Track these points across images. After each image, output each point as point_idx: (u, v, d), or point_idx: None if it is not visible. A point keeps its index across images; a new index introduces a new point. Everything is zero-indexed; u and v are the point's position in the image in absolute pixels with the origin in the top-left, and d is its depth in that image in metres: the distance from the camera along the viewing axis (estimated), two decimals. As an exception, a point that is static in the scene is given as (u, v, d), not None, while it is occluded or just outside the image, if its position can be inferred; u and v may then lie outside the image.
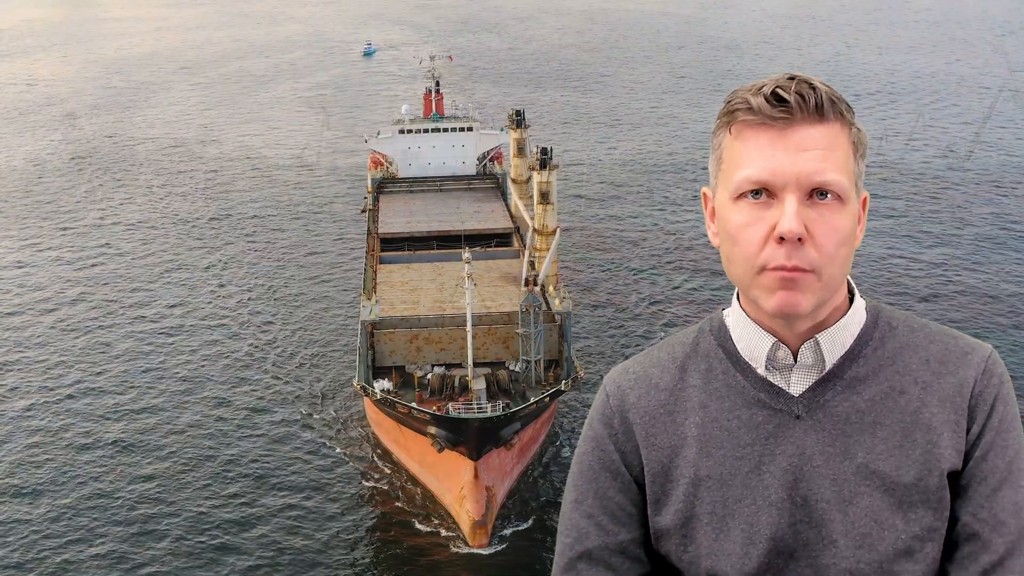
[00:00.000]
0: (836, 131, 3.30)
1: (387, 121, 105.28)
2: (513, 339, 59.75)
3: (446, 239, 76.05)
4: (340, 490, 56.00)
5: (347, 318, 75.98)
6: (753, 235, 3.27)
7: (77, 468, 57.61)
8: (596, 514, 3.60)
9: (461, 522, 53.07)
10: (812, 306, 3.31)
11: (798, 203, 3.22)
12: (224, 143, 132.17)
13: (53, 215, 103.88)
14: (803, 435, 3.44)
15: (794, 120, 3.26)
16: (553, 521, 53.22)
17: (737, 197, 3.32)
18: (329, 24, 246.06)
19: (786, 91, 3.26)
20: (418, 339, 60.82)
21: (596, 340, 72.29)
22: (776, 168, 3.24)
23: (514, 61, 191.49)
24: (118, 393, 65.97)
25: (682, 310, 77.07)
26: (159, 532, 51.97)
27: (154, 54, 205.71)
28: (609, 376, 3.79)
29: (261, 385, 66.69)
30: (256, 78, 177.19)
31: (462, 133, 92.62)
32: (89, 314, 78.62)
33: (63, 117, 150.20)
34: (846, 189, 3.27)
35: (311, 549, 50.74)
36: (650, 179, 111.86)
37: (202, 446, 59.53)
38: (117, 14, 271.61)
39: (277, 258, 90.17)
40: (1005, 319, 73.63)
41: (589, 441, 3.72)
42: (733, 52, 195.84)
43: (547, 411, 59.47)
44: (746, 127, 3.32)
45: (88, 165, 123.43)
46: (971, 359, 3.46)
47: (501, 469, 55.49)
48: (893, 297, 74.82)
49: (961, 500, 3.40)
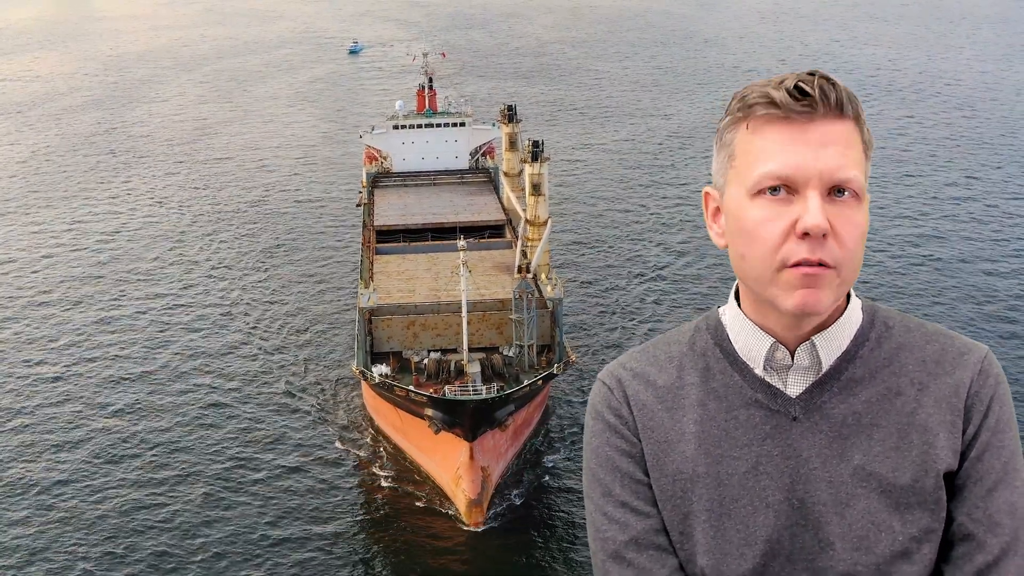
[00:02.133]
0: (851, 128, 3.30)
1: (380, 115, 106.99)
2: (507, 325, 60.93)
3: (440, 231, 77.37)
4: (337, 472, 57.02)
5: (343, 309, 77.23)
6: (773, 231, 3.24)
7: (76, 447, 58.62)
8: (630, 501, 3.57)
9: (457, 501, 54.20)
10: (830, 305, 3.31)
11: (821, 199, 3.21)
12: (216, 139, 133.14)
13: (53, 202, 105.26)
14: (800, 437, 3.46)
15: (815, 115, 3.24)
16: (547, 503, 54.71)
17: (755, 194, 3.28)
18: (320, 21, 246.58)
19: (809, 85, 3.24)
20: (415, 325, 62.28)
21: (587, 326, 73.98)
22: (799, 163, 3.21)
23: (503, 56, 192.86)
24: (121, 376, 67.23)
25: (669, 294, 79.35)
26: (152, 511, 52.77)
27: (149, 52, 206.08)
28: (604, 371, 3.77)
29: (259, 372, 67.88)
30: (248, 75, 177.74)
31: (455, 128, 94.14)
32: (88, 302, 79.86)
33: (60, 112, 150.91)
34: (863, 187, 3.27)
35: (310, 530, 51.62)
36: (637, 170, 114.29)
37: (200, 430, 60.55)
38: (111, 12, 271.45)
39: (272, 252, 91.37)
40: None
41: (601, 433, 3.66)
42: (715, 47, 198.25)
43: (540, 395, 60.81)
44: (765, 122, 3.28)
45: (87, 156, 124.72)
46: (967, 360, 3.47)
47: (496, 450, 56.73)
48: (889, 298, 74.90)
49: (957, 500, 3.41)
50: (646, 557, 3.51)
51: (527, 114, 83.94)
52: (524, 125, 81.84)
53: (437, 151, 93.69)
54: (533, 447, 60.36)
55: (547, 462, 58.61)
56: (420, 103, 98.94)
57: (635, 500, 3.56)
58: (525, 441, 60.00)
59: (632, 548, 3.53)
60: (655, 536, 3.54)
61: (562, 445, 59.92)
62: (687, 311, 75.80)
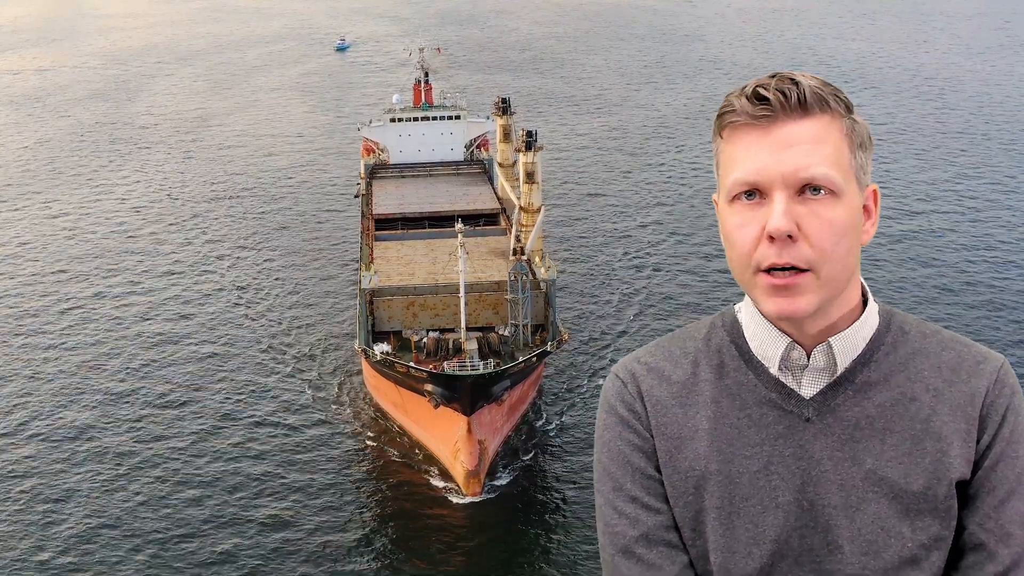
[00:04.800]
0: (824, 124, 3.26)
1: (367, 112, 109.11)
2: (502, 305, 63.04)
3: (437, 219, 79.27)
4: (337, 447, 58.84)
5: (342, 296, 79.21)
6: (747, 236, 3.26)
7: (80, 429, 60.28)
8: (641, 496, 3.54)
9: (455, 473, 56.01)
10: (814, 306, 3.26)
11: (787, 201, 3.20)
12: (214, 132, 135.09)
13: (58, 189, 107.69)
14: (812, 439, 3.42)
15: (777, 118, 3.24)
16: (541, 477, 56.75)
17: (732, 200, 3.31)
18: (314, 18, 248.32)
19: (767, 89, 3.25)
20: (414, 306, 64.51)
21: (579, 306, 76.49)
22: (761, 167, 3.23)
23: (492, 51, 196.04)
24: (126, 358, 69.14)
25: (657, 274, 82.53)
26: (158, 484, 54.50)
27: (146, 48, 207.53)
28: (619, 365, 3.73)
29: (261, 355, 69.82)
30: (244, 71, 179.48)
31: (450, 121, 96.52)
32: (89, 289, 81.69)
33: (63, 104, 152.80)
34: (838, 183, 3.22)
35: (311, 503, 53.15)
36: (622, 157, 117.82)
37: (204, 412, 62.34)
38: (104, 11, 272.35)
39: (272, 240, 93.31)
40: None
41: (613, 428, 3.63)
42: (700, 42, 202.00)
43: (534, 373, 62.99)
44: (735, 130, 3.31)
45: (89, 145, 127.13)
46: (984, 368, 3.43)
47: (492, 425, 58.54)
48: (903, 304, 73.67)
49: (968, 510, 3.37)
50: (656, 553, 3.49)
51: (516, 106, 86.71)
52: (515, 116, 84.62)
53: (433, 143, 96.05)
54: (527, 423, 62.34)
55: (541, 438, 60.51)
56: (416, 97, 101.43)
57: (646, 496, 3.54)
58: (520, 419, 61.99)
59: (642, 544, 3.50)
60: (665, 532, 3.52)
61: (556, 422, 61.82)
62: (673, 290, 79.12)
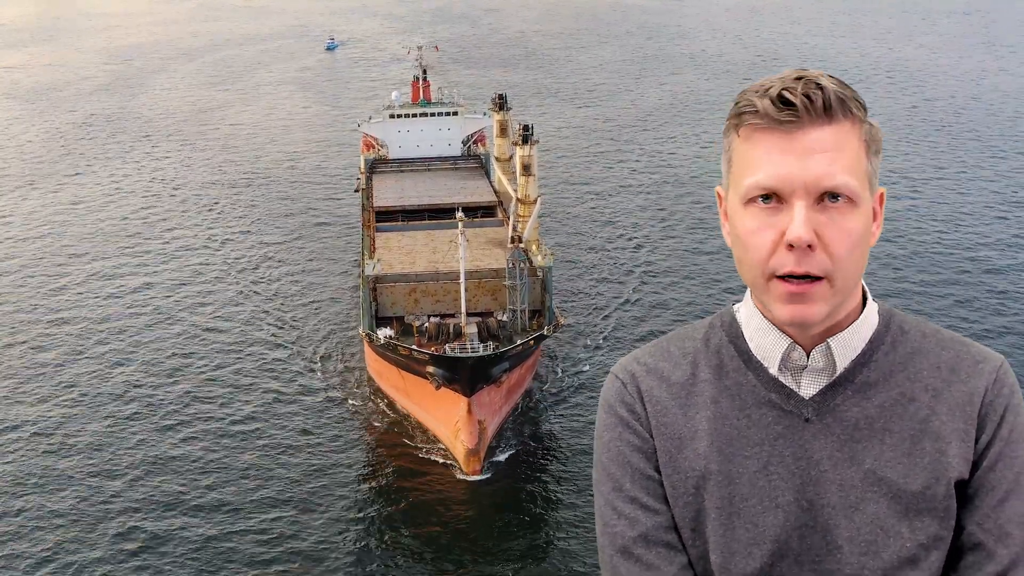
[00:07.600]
0: (846, 130, 3.21)
1: (357, 109, 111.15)
2: (501, 291, 65.42)
3: (436, 211, 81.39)
4: (340, 429, 60.62)
5: (343, 287, 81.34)
6: (763, 241, 3.22)
7: (84, 416, 61.78)
8: (640, 496, 3.52)
9: (456, 452, 58.00)
10: (825, 313, 3.26)
11: (807, 209, 3.15)
12: (215, 127, 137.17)
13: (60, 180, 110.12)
14: (812, 439, 3.41)
15: (802, 122, 3.17)
16: (538, 457, 58.81)
17: (747, 202, 3.25)
18: (310, 17, 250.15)
19: (792, 93, 3.18)
20: (416, 292, 66.82)
21: (575, 292, 79.03)
22: (784, 174, 3.17)
23: (486, 47, 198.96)
24: (132, 344, 71.06)
25: (649, 262, 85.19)
26: (160, 472, 55.80)
27: (144, 44, 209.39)
28: (618, 366, 3.71)
29: (267, 342, 71.79)
30: (240, 68, 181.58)
31: (448, 117, 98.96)
32: (94, 277, 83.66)
33: (65, 98, 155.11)
34: (857, 191, 3.20)
35: (315, 484, 54.41)
36: (613, 150, 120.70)
37: (206, 389, 64.32)
38: (105, 10, 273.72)
39: (274, 233, 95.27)
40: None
41: (613, 428, 3.60)
42: (686, 39, 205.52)
43: (532, 356, 65.30)
44: (754, 130, 3.25)
45: (92, 138, 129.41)
46: (983, 368, 3.42)
47: (491, 406, 60.57)
48: (899, 300, 73.56)
49: (967, 509, 3.36)
50: (654, 554, 3.48)
51: (510, 101, 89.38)
52: (511, 112, 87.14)
53: (431, 139, 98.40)
54: (525, 404, 64.58)
55: (538, 422, 62.58)
56: (415, 93, 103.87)
57: (645, 496, 3.52)
58: (517, 401, 64.24)
59: (641, 544, 3.49)
60: (664, 533, 3.50)
61: (553, 409, 63.82)
62: (661, 273, 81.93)
